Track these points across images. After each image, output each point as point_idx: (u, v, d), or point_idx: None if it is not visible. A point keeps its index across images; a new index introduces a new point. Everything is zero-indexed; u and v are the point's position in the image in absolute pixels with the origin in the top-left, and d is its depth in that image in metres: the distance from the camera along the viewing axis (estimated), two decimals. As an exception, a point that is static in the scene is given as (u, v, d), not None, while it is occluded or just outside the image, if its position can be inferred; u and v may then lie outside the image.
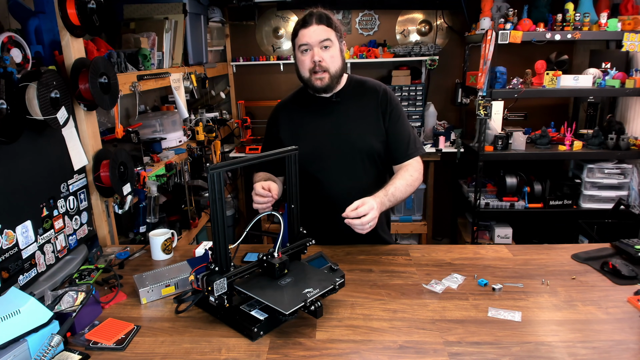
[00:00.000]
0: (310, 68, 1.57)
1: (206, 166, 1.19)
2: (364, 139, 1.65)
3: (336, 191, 1.63)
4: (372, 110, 1.67)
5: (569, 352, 1.06)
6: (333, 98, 1.66)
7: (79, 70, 1.57)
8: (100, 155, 1.72)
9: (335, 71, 1.59)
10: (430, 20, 3.79)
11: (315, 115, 1.68)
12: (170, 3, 2.62)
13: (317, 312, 1.12)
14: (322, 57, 1.56)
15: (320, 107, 1.68)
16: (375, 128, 1.67)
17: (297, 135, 1.66)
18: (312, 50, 1.56)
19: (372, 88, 1.70)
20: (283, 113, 1.75)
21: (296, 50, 1.61)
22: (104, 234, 1.78)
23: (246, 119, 3.76)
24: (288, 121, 1.72)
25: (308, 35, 1.55)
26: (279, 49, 3.92)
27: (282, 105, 1.78)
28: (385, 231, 1.80)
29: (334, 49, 1.58)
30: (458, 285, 1.38)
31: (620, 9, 3.00)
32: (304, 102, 1.71)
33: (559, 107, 3.75)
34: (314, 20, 1.55)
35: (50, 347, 1.04)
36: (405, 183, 1.59)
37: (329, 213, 1.58)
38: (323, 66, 1.56)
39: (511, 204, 3.22)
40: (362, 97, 1.69)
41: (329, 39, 1.56)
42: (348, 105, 1.67)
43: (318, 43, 1.55)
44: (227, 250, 1.17)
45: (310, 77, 1.59)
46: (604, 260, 1.47)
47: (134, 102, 2.30)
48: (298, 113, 1.72)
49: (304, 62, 1.58)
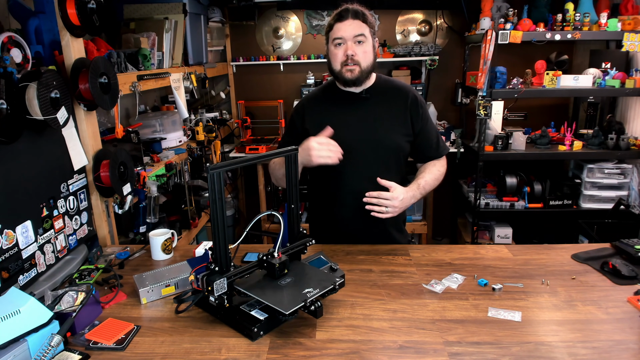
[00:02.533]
0: (343, 61, 1.59)
1: (206, 166, 1.19)
2: (392, 136, 1.67)
3: (360, 186, 1.63)
4: (400, 110, 1.69)
5: (569, 352, 1.06)
6: (363, 94, 1.67)
7: (79, 70, 1.57)
8: (100, 155, 1.72)
9: (366, 66, 1.60)
10: (430, 20, 3.79)
11: (343, 110, 1.69)
12: (170, 3, 2.62)
13: (317, 312, 1.12)
14: (355, 52, 1.58)
15: (348, 101, 1.69)
16: (402, 127, 1.69)
17: (324, 127, 1.66)
18: (346, 44, 1.58)
19: (401, 89, 1.73)
20: (310, 105, 1.75)
21: (330, 43, 1.62)
22: (104, 234, 1.78)
23: (246, 119, 3.76)
24: (315, 113, 1.72)
25: (343, 29, 1.57)
26: (279, 49, 3.92)
27: (310, 97, 1.78)
28: (401, 230, 1.81)
29: (367, 44, 1.60)
30: (458, 285, 1.38)
31: (620, 9, 3.00)
32: (332, 95, 1.72)
33: (559, 107, 3.75)
34: (349, 15, 1.57)
35: (50, 347, 1.04)
36: (433, 177, 1.71)
37: (350, 207, 1.61)
38: (355, 60, 1.58)
39: (511, 204, 3.22)
40: (390, 96, 1.70)
41: (363, 34, 1.58)
42: (376, 103, 1.68)
43: (352, 37, 1.57)
44: (227, 250, 1.17)
45: (341, 69, 1.60)
46: (604, 260, 1.47)
47: (134, 102, 2.31)
48: (326, 106, 1.72)
49: (337, 55, 1.60)
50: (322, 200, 1.71)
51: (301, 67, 3.87)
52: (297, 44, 3.90)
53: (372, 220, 1.61)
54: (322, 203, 1.74)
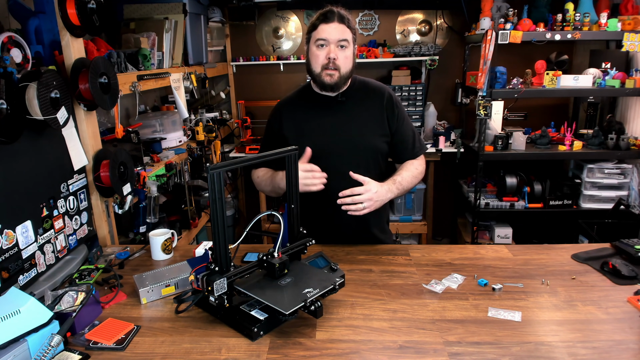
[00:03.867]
0: (324, 64, 1.58)
1: (206, 166, 1.19)
2: (368, 139, 1.67)
3: (339, 190, 1.63)
4: (376, 111, 1.69)
5: (569, 352, 1.06)
6: (338, 97, 1.67)
7: (79, 70, 1.57)
8: (100, 155, 1.72)
9: (345, 72, 1.60)
10: (430, 20, 3.79)
11: (319, 114, 1.69)
12: (170, 3, 2.62)
13: (317, 312, 1.12)
14: (337, 56, 1.57)
15: (324, 105, 1.68)
16: (379, 129, 1.68)
17: (301, 132, 1.67)
18: (329, 46, 1.57)
19: (376, 89, 1.72)
20: (286, 110, 1.74)
21: (311, 43, 1.61)
22: (104, 234, 1.78)
23: (246, 119, 3.76)
24: (291, 118, 1.71)
25: (328, 31, 1.56)
26: (279, 49, 3.92)
27: (285, 103, 1.78)
28: (384, 231, 1.80)
29: (349, 50, 1.60)
30: (458, 285, 1.38)
31: (620, 9, 3.00)
32: (308, 100, 1.72)
33: (559, 107, 3.75)
34: (335, 18, 1.56)
35: (50, 347, 1.04)
36: (411, 174, 1.68)
37: (331, 211, 1.59)
38: (336, 64, 1.58)
39: (511, 204, 3.22)
40: (366, 97, 1.70)
41: (346, 39, 1.58)
42: (352, 105, 1.68)
43: (336, 41, 1.57)
44: (227, 250, 1.17)
45: (321, 72, 1.60)
46: (604, 260, 1.47)
47: (134, 102, 2.31)
48: (302, 110, 1.72)
49: (318, 57, 1.59)
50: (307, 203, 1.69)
51: (301, 67, 3.87)
52: (297, 44, 3.90)
53: (353, 222, 1.60)
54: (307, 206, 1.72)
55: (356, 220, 1.58)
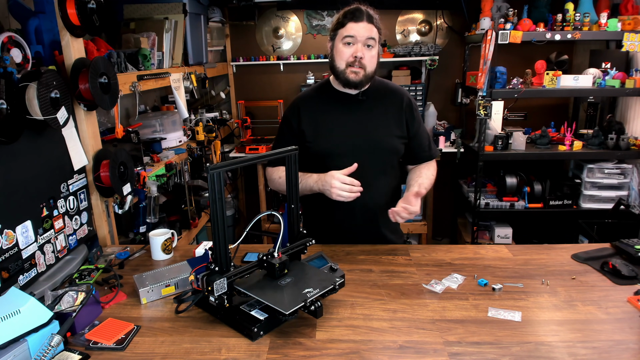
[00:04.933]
0: (350, 62, 1.58)
1: (206, 166, 1.19)
2: (387, 138, 1.68)
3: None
4: (395, 112, 1.70)
5: (569, 352, 1.06)
6: (359, 96, 1.67)
7: (79, 70, 1.57)
8: (100, 155, 1.72)
9: (370, 71, 1.61)
10: (430, 20, 3.79)
11: (339, 111, 1.68)
12: (170, 3, 2.62)
13: (317, 312, 1.13)
14: (364, 55, 1.58)
15: (344, 103, 1.69)
16: (398, 130, 1.70)
17: (319, 128, 1.67)
18: (356, 45, 1.57)
19: (396, 91, 1.74)
20: (305, 105, 1.72)
21: (337, 40, 1.61)
22: (104, 234, 1.78)
23: (246, 119, 3.76)
24: (311, 113, 1.70)
25: (357, 29, 1.57)
26: (279, 49, 3.92)
27: (304, 97, 1.76)
28: (395, 231, 1.81)
29: (375, 49, 1.61)
30: (458, 285, 1.38)
31: (620, 9, 3.00)
32: (327, 96, 1.71)
33: (559, 107, 3.75)
34: (365, 17, 1.57)
35: (50, 347, 1.04)
36: (429, 182, 1.71)
37: (345, 209, 1.61)
38: (362, 63, 1.58)
39: (511, 204, 3.22)
40: (385, 98, 1.71)
41: (373, 39, 1.59)
42: (372, 105, 1.69)
43: (364, 40, 1.57)
44: (227, 250, 1.17)
45: (346, 69, 1.59)
46: (604, 260, 1.47)
47: (134, 102, 2.31)
48: (321, 106, 1.71)
49: (344, 54, 1.59)
50: (317, 202, 1.70)
51: (301, 67, 3.87)
52: (297, 44, 3.90)
53: (366, 222, 1.62)
54: (317, 205, 1.73)
55: (369, 221, 1.59)
